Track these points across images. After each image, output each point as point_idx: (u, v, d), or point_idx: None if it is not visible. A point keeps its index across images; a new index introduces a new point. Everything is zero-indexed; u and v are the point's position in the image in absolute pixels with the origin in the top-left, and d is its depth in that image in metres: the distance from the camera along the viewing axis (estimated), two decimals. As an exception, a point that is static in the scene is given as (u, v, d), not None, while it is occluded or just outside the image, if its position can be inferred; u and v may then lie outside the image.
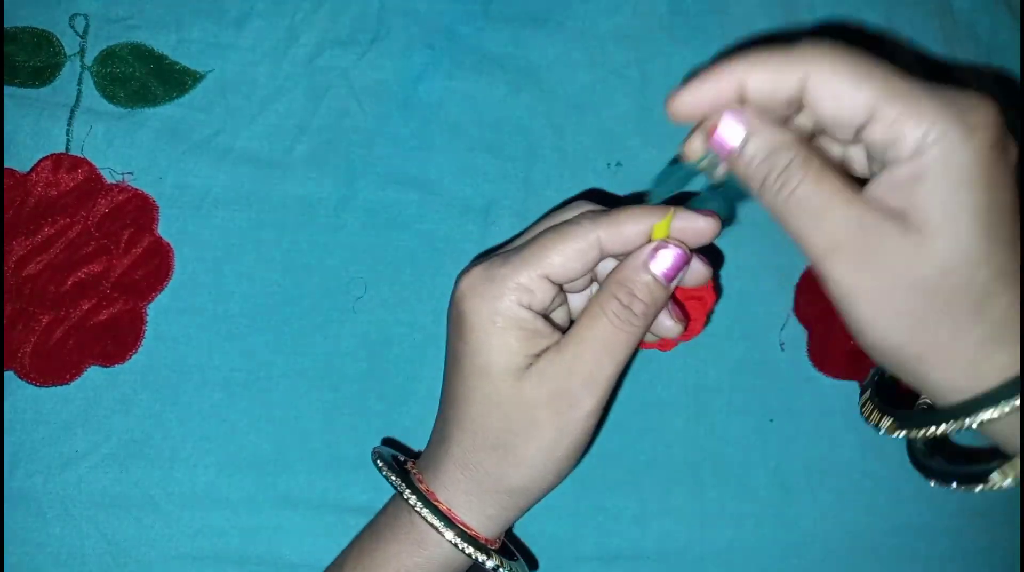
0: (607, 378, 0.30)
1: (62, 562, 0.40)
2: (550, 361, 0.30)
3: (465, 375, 0.31)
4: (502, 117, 0.47)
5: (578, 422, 0.30)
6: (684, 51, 0.49)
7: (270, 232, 0.44)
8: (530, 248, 0.30)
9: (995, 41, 0.52)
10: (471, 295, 0.30)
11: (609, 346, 0.30)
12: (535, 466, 0.31)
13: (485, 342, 0.30)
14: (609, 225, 0.30)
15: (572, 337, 0.30)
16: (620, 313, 0.30)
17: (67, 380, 0.41)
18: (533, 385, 0.30)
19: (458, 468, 0.32)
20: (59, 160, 0.43)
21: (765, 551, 0.44)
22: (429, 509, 0.31)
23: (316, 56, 0.46)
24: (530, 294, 0.30)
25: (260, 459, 0.42)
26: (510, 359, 0.30)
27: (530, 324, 0.30)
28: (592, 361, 0.30)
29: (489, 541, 0.33)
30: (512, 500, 0.32)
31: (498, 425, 0.30)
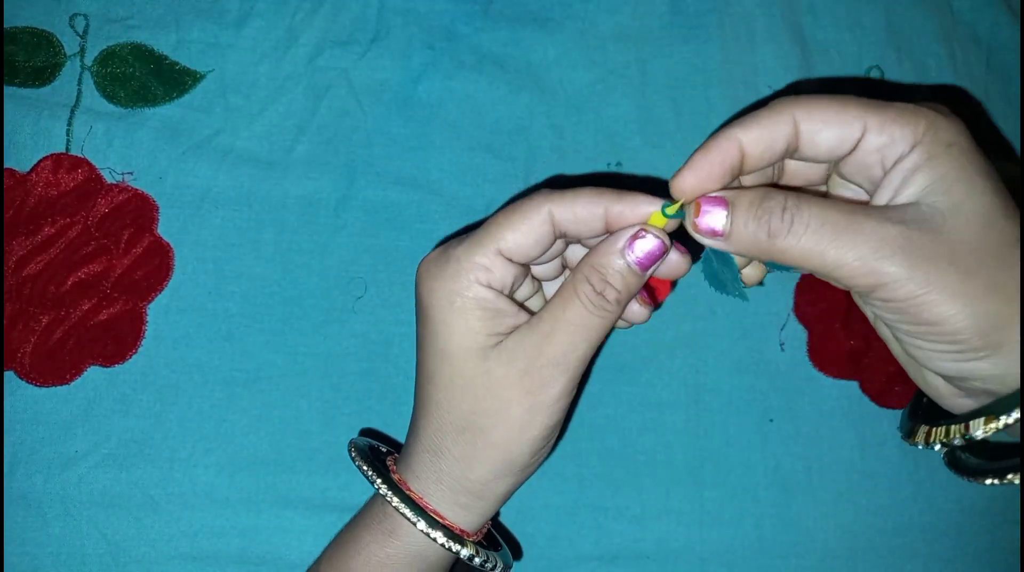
0: (579, 360, 0.29)
1: (62, 562, 0.40)
2: (519, 340, 0.29)
3: (428, 359, 0.30)
4: (502, 117, 0.47)
5: (549, 404, 0.30)
6: (684, 51, 0.49)
7: (270, 232, 0.44)
8: (484, 227, 0.30)
9: (995, 41, 0.52)
10: (427, 278, 0.30)
11: (581, 329, 0.29)
12: (506, 449, 0.30)
13: (444, 323, 0.30)
14: (561, 201, 0.29)
15: (544, 317, 0.29)
16: (593, 298, 0.29)
17: (67, 380, 0.41)
18: (501, 364, 0.29)
19: (429, 455, 0.31)
20: (59, 160, 0.43)
21: (765, 551, 0.44)
22: (399, 498, 0.31)
23: (316, 56, 0.46)
24: (487, 272, 0.29)
25: (260, 459, 0.42)
26: (472, 339, 0.29)
27: (491, 303, 0.29)
28: (564, 342, 0.29)
29: (465, 532, 0.32)
30: (485, 488, 0.31)
31: (465, 407, 0.30)
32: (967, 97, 0.51)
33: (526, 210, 0.29)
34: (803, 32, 0.50)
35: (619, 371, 0.44)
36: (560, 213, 0.29)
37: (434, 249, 0.32)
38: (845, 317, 0.47)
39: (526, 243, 0.29)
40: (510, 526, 0.43)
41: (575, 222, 0.29)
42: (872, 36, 0.51)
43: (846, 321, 0.47)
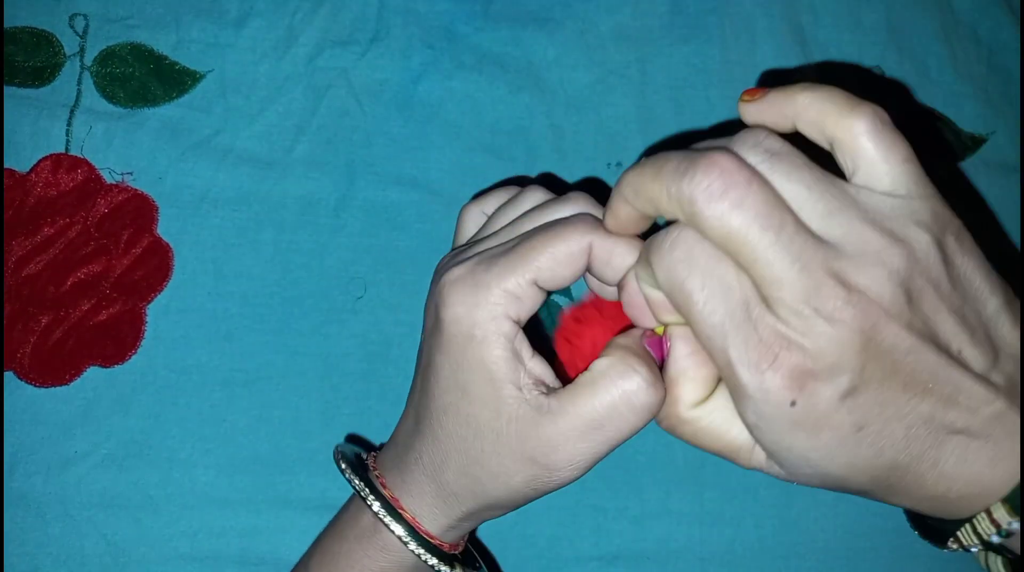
0: (593, 459, 0.28)
1: (61, 562, 0.40)
2: (538, 420, 0.27)
3: (443, 389, 0.29)
4: (502, 117, 0.46)
5: (551, 489, 0.29)
6: (684, 51, 0.49)
7: (270, 232, 0.44)
8: (518, 249, 0.28)
9: (995, 41, 0.52)
10: (453, 302, 0.28)
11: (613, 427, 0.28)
12: (498, 504, 0.30)
13: (470, 360, 0.28)
14: (604, 237, 0.27)
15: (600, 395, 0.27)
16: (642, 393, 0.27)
17: (66, 380, 0.41)
18: (515, 438, 0.28)
19: (427, 479, 0.30)
20: (59, 160, 0.43)
21: (766, 551, 0.44)
22: (393, 518, 0.30)
23: (316, 56, 0.46)
24: (518, 303, 0.27)
25: (259, 459, 0.42)
26: (496, 389, 0.28)
27: (512, 341, 0.28)
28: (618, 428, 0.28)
29: (454, 547, 0.32)
30: (475, 517, 0.31)
31: (473, 454, 0.29)
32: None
33: (569, 237, 0.27)
34: (803, 32, 0.50)
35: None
36: (599, 249, 0.28)
37: (452, 260, 0.30)
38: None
39: (563, 275, 0.28)
40: (510, 526, 0.43)
41: (606, 265, 0.28)
42: (872, 36, 0.51)
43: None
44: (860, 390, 0.22)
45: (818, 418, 0.22)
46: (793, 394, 0.22)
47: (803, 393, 0.22)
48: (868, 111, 0.23)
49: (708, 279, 0.23)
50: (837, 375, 0.22)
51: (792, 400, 0.22)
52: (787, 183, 0.23)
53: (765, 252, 0.22)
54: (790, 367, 0.22)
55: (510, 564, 0.42)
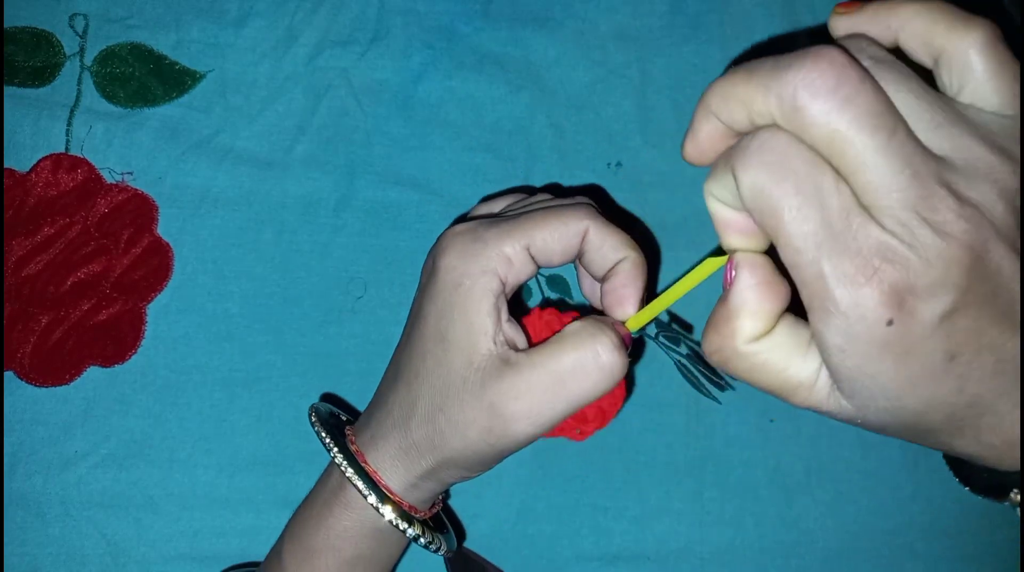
0: (552, 418, 0.29)
1: (62, 562, 0.40)
2: (503, 372, 0.28)
3: (425, 336, 0.30)
4: (502, 117, 0.46)
5: (506, 445, 0.29)
6: (684, 50, 0.49)
7: (270, 232, 0.44)
8: (519, 218, 0.30)
9: (995, 41, 0.52)
10: (449, 251, 0.29)
11: (575, 383, 0.28)
12: (458, 456, 0.30)
13: (450, 305, 0.29)
14: (601, 225, 0.30)
15: (566, 353, 0.28)
16: (607, 353, 0.28)
17: (67, 380, 0.41)
18: (479, 385, 0.28)
19: (394, 430, 0.31)
20: (59, 160, 0.43)
21: (766, 551, 0.44)
22: (354, 470, 0.31)
23: (316, 56, 0.46)
24: (508, 264, 0.29)
25: (260, 459, 0.42)
26: (469, 334, 0.29)
27: (496, 300, 0.29)
28: (581, 386, 0.28)
29: (415, 508, 0.32)
30: (437, 474, 0.31)
31: (438, 400, 0.29)
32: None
33: (567, 217, 0.29)
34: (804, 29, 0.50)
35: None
36: (594, 235, 0.29)
37: (463, 223, 0.31)
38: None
39: (555, 249, 0.29)
40: (510, 526, 0.43)
41: (597, 252, 0.30)
42: (872, 36, 0.51)
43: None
44: (960, 313, 0.21)
45: (912, 342, 0.21)
46: (891, 312, 0.20)
47: (902, 311, 0.20)
48: (983, 25, 0.22)
49: (802, 184, 0.21)
50: (940, 294, 0.20)
51: (889, 318, 0.20)
52: (895, 90, 0.21)
53: (874, 155, 0.20)
54: (891, 282, 0.20)
55: (510, 564, 0.42)
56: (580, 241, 0.30)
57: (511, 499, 0.43)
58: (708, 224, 0.51)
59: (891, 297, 0.20)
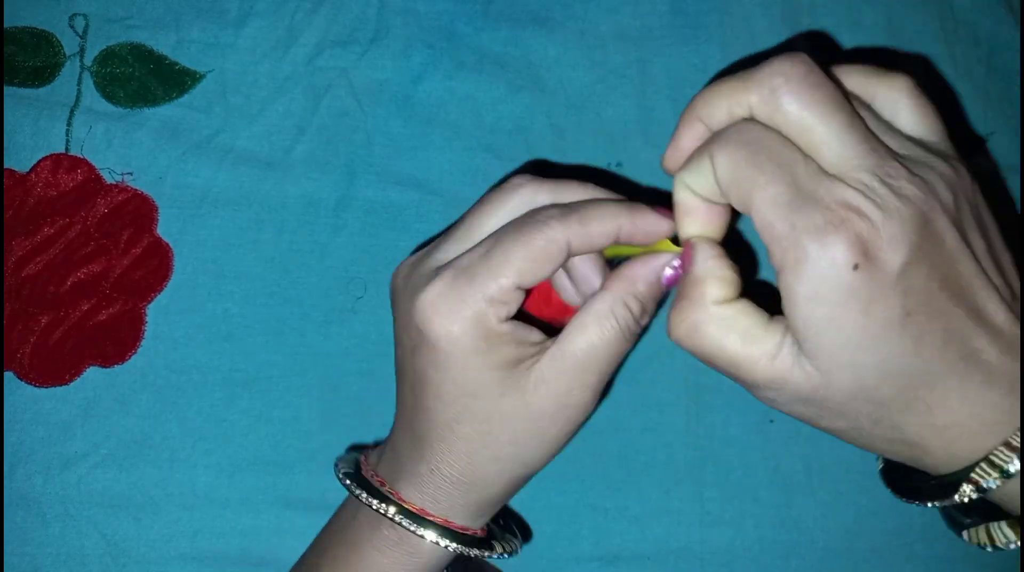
0: (604, 382, 0.30)
1: (62, 562, 0.40)
2: (553, 366, 0.29)
3: (448, 402, 0.29)
4: (502, 117, 0.46)
5: (579, 423, 0.31)
6: (685, 51, 0.49)
7: (270, 232, 0.44)
8: (494, 257, 0.28)
9: (996, 41, 0.52)
10: (441, 320, 0.28)
11: (615, 354, 0.30)
12: (537, 464, 0.32)
13: (474, 366, 0.28)
14: (579, 229, 0.28)
15: (577, 339, 0.29)
16: (630, 325, 0.29)
17: (66, 380, 0.41)
18: (539, 393, 0.29)
19: (450, 485, 0.31)
20: (59, 160, 0.43)
21: (766, 551, 0.44)
22: (421, 525, 0.31)
23: (316, 56, 0.46)
24: (505, 307, 0.28)
25: (260, 459, 0.42)
26: (505, 376, 0.29)
27: (513, 335, 0.29)
28: (600, 367, 0.29)
29: (483, 531, 0.33)
30: (507, 496, 0.33)
31: (504, 439, 0.30)
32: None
33: (546, 242, 0.28)
34: (803, 32, 0.50)
35: (619, 371, 0.44)
36: (577, 243, 0.29)
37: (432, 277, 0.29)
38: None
39: (543, 273, 0.28)
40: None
41: (589, 247, 0.29)
42: (872, 36, 0.51)
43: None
44: (914, 269, 0.23)
45: (875, 291, 0.23)
46: (857, 257, 0.23)
47: (867, 258, 0.23)
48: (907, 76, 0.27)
49: (775, 154, 0.24)
50: (899, 246, 0.23)
51: (855, 263, 0.23)
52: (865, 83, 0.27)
53: (839, 131, 0.24)
54: (857, 230, 0.23)
55: (510, 564, 0.42)
56: (566, 254, 0.29)
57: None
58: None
59: (857, 244, 0.23)
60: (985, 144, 0.51)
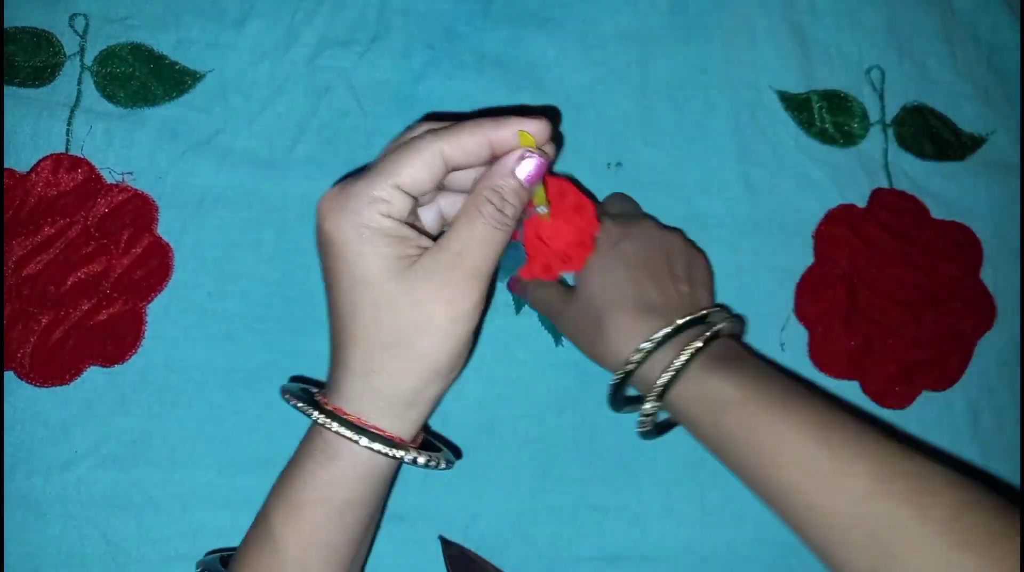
0: (489, 270, 0.32)
1: (62, 562, 0.40)
2: (433, 259, 0.32)
3: (346, 289, 0.32)
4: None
5: (469, 310, 0.32)
6: (685, 50, 0.49)
7: (270, 232, 0.44)
8: (380, 163, 0.32)
9: (996, 40, 0.52)
10: (331, 214, 0.32)
11: (489, 243, 0.32)
12: (433, 356, 0.32)
13: (358, 254, 0.31)
14: (451, 139, 0.32)
15: (452, 237, 0.32)
16: (495, 215, 0.32)
17: (67, 380, 0.41)
18: (420, 281, 0.31)
19: (359, 378, 0.32)
20: (59, 160, 0.43)
21: (766, 551, 0.44)
22: (339, 422, 0.32)
23: (316, 56, 0.46)
24: (387, 204, 0.31)
25: (260, 460, 0.41)
26: (388, 264, 0.31)
27: (396, 230, 0.31)
28: (476, 255, 0.32)
29: (403, 440, 0.33)
30: (417, 396, 0.33)
31: (392, 324, 0.31)
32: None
33: (419, 149, 0.32)
34: (804, 32, 0.50)
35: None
36: (450, 150, 0.32)
37: (330, 189, 0.33)
38: (845, 317, 0.47)
39: (421, 178, 0.32)
40: (510, 527, 0.43)
41: (464, 155, 0.32)
42: (873, 36, 0.51)
43: (846, 321, 0.47)
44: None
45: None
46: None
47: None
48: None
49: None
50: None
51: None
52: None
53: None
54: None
55: (511, 564, 0.42)
56: (442, 163, 0.32)
57: (511, 500, 0.43)
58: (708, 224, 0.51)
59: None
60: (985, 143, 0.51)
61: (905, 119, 0.50)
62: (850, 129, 0.50)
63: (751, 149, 0.48)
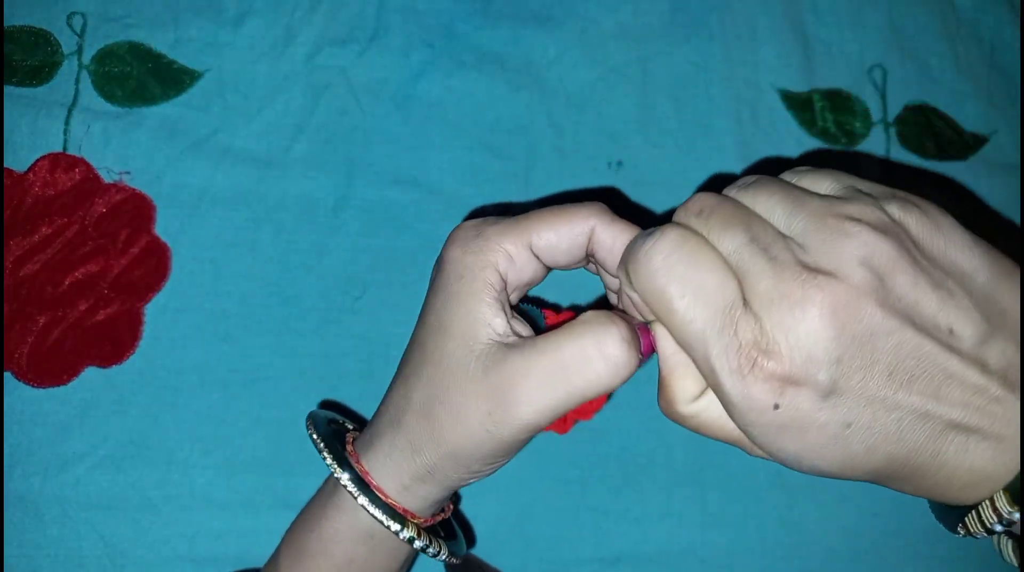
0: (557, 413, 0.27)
1: (60, 564, 0.39)
2: (507, 354, 0.27)
3: (426, 330, 0.30)
4: (502, 116, 0.46)
5: (507, 432, 0.28)
6: (685, 49, 0.49)
7: (268, 232, 0.44)
8: (525, 216, 0.29)
9: (997, 40, 0.52)
10: (454, 244, 0.29)
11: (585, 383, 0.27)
12: (454, 450, 0.29)
13: (454, 298, 0.29)
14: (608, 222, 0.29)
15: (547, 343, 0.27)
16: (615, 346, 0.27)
17: (64, 381, 0.41)
18: (480, 371, 0.27)
19: (388, 427, 0.30)
20: (56, 159, 0.43)
21: (767, 553, 0.43)
22: (344, 470, 0.30)
23: (314, 55, 0.46)
24: (509, 261, 0.29)
25: (258, 460, 0.41)
26: (469, 323, 0.28)
27: (498, 294, 0.28)
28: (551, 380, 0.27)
29: (409, 513, 0.30)
30: (431, 474, 0.29)
31: (433, 391, 0.29)
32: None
33: (572, 215, 0.29)
34: (805, 30, 0.50)
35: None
36: (601, 233, 0.29)
37: (475, 220, 0.31)
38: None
39: (559, 247, 0.29)
40: (510, 528, 0.42)
41: (609, 250, 0.29)
42: (874, 35, 0.51)
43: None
44: (841, 385, 0.22)
45: (803, 420, 0.22)
46: (775, 398, 0.22)
47: (783, 397, 0.22)
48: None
49: (688, 285, 0.23)
50: (814, 372, 0.22)
51: (775, 404, 0.22)
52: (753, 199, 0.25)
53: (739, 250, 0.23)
54: (768, 372, 0.22)
55: (510, 566, 0.42)
56: (586, 240, 0.29)
57: (511, 501, 0.43)
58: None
59: (772, 385, 0.22)
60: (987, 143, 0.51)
61: (907, 118, 0.50)
62: (852, 128, 0.50)
63: (752, 148, 0.48)
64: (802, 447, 0.23)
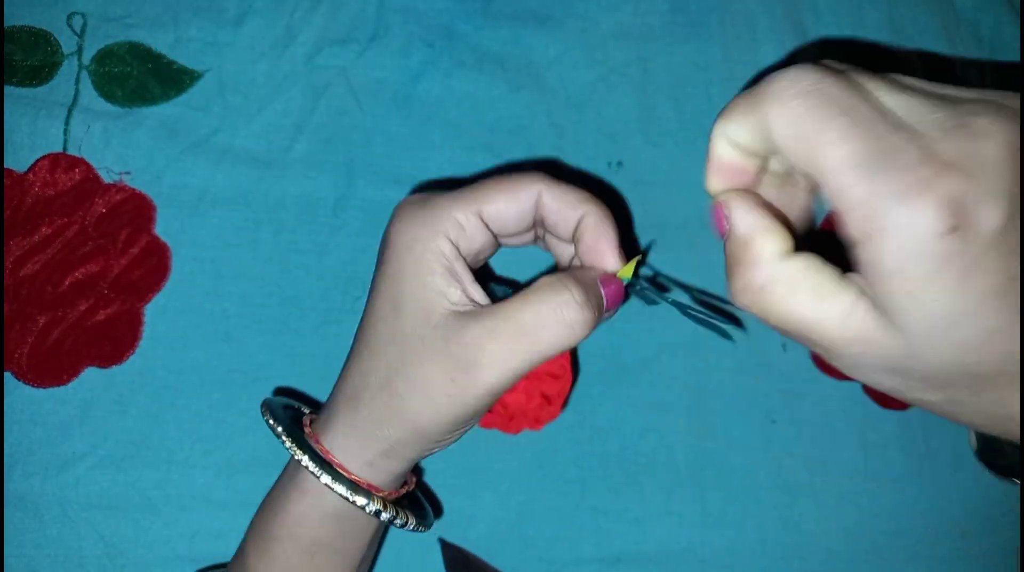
0: (518, 373, 0.28)
1: (59, 563, 0.39)
2: (466, 324, 0.27)
3: (379, 305, 0.29)
4: (502, 116, 0.46)
5: (471, 401, 0.28)
6: (686, 49, 0.49)
7: (268, 232, 0.44)
8: (472, 186, 0.30)
9: (997, 39, 0.52)
10: (400, 218, 0.29)
11: (541, 341, 0.27)
12: (416, 421, 0.28)
13: (401, 270, 0.28)
14: (554, 187, 0.30)
15: (507, 314, 0.28)
16: (575, 315, 0.28)
17: (64, 381, 0.41)
18: (439, 339, 0.27)
19: (346, 405, 0.30)
20: (56, 160, 0.43)
21: (767, 553, 0.43)
22: (304, 450, 0.29)
23: (314, 55, 0.46)
24: (459, 230, 0.29)
25: (258, 461, 0.41)
26: (423, 295, 0.28)
27: (449, 262, 0.28)
28: (517, 350, 0.27)
29: (374, 487, 0.30)
30: (393, 449, 0.29)
31: (390, 363, 0.28)
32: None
33: (519, 181, 0.30)
34: (805, 30, 0.50)
35: (620, 373, 0.44)
36: (548, 197, 0.29)
37: (418, 194, 0.31)
38: (847, 317, 0.46)
39: (508, 213, 0.29)
40: (509, 528, 0.42)
41: (557, 213, 0.30)
42: (874, 35, 0.51)
43: (848, 321, 0.46)
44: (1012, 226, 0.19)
45: (974, 256, 0.19)
46: (950, 220, 0.19)
47: (964, 218, 0.19)
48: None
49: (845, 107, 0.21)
50: (997, 199, 0.19)
51: (950, 226, 0.19)
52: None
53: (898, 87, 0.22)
54: (948, 188, 0.19)
55: (510, 566, 0.42)
56: (533, 205, 0.30)
57: (511, 501, 0.43)
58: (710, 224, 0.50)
59: (949, 206, 0.19)
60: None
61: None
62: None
63: (752, 148, 0.48)
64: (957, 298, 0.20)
